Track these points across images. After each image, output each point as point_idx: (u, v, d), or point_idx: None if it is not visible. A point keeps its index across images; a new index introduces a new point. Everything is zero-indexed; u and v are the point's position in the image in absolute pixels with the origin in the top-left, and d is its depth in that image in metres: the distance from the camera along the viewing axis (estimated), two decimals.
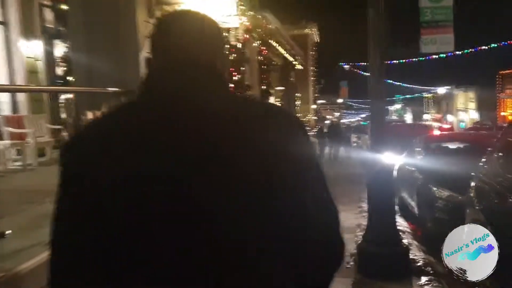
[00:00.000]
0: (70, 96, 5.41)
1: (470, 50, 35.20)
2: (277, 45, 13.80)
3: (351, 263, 5.30)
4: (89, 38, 5.04)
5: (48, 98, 7.34)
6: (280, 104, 24.40)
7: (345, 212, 8.00)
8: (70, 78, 5.23)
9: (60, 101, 7.24)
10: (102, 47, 5.03)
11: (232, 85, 8.59)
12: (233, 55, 8.65)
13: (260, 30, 11.89)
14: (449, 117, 61.26)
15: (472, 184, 4.77)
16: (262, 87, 12.36)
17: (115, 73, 5.00)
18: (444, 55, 36.05)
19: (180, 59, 1.05)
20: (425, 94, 71.38)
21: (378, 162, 4.86)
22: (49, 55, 8.00)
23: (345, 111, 62.39)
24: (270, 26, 12.54)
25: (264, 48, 12.33)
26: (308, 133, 1.14)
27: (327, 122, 29.25)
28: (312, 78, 35.87)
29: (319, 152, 22.50)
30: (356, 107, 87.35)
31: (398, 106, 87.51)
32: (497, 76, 48.89)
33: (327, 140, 22.14)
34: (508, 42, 33.02)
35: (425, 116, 61.64)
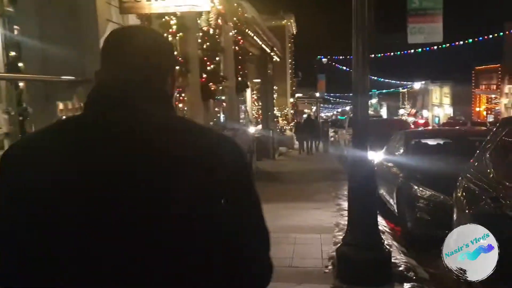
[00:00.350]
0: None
1: (446, 45, 35.28)
2: (254, 35, 13.33)
3: (330, 267, 4.98)
4: (42, 19, 4.54)
5: (6, 86, 6.80)
6: (256, 97, 24.06)
7: (322, 210, 7.68)
8: (21, 65, 4.74)
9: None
10: (57, 30, 4.54)
11: (204, 76, 8.16)
12: (206, 43, 8.18)
13: (235, 18, 11.44)
14: (425, 112, 62.13)
15: (460, 184, 4.47)
16: (238, 78, 11.90)
17: (73, 60, 4.53)
18: (420, 49, 36.25)
19: (128, 77, 1.06)
20: (401, 89, 72.17)
21: (358, 158, 4.57)
22: (7, 40, 7.42)
23: (322, 105, 62.41)
24: (246, 15, 12.09)
25: (240, 38, 11.86)
26: (244, 155, 1.16)
27: (304, 115, 29.21)
28: (289, 70, 35.55)
29: (299, 147, 22.52)
30: (333, 101, 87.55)
31: (373, 100, 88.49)
32: (472, 71, 49.55)
33: (304, 134, 22.14)
34: (484, 37, 33.24)
35: (401, 111, 62.12)
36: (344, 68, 49.61)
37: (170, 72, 1.16)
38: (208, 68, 8.18)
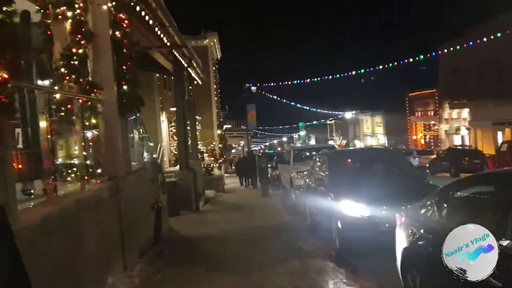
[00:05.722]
0: None
1: (376, 68, 31.61)
2: (152, 20, 8.26)
3: None
4: None
5: None
6: (175, 130, 18.99)
7: None
8: None
9: None
10: None
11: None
12: None
13: None
14: (357, 143, 60.04)
15: None
16: (123, 87, 6.65)
17: None
18: (347, 73, 32.71)
19: None
20: (328, 121, 71.02)
21: None
22: None
23: (251, 138, 57.91)
24: None
25: (124, 17, 6.71)
26: None
27: (233, 150, 25.58)
28: (215, 98, 30.71)
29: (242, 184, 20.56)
30: (260, 135, 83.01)
31: (301, 133, 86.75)
32: (406, 98, 47.39)
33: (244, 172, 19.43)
34: (417, 61, 30.00)
35: (331, 143, 59.94)
36: (275, 97, 45.58)
37: None
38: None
